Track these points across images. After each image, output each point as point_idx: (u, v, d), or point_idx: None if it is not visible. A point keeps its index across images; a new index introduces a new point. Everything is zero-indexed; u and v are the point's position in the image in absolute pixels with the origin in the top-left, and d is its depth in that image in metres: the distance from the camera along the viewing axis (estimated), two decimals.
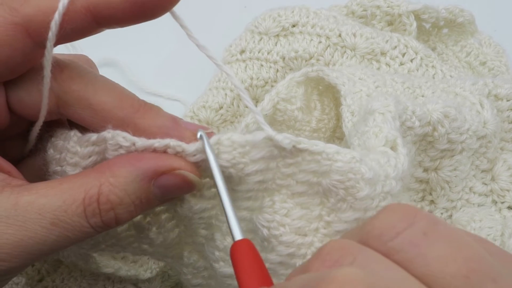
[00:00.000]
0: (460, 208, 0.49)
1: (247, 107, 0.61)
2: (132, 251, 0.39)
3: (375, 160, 0.33)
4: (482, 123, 0.46)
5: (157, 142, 0.31)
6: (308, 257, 0.33)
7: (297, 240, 0.33)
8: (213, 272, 0.40)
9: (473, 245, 0.24)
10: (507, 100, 0.50)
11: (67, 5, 0.28)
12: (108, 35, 0.32)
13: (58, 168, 0.33)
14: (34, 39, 0.30)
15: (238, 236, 0.29)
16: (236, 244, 0.28)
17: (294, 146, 0.31)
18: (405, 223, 0.24)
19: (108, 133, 0.31)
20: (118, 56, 0.71)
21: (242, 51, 0.62)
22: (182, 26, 0.31)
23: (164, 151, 0.31)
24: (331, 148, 0.31)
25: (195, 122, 0.59)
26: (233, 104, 0.60)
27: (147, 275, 0.49)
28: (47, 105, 0.32)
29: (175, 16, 0.31)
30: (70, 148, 0.33)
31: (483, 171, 0.50)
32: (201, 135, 0.31)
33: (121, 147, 0.31)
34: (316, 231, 0.33)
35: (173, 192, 0.32)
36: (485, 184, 0.50)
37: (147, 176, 0.30)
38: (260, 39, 0.61)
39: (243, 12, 0.76)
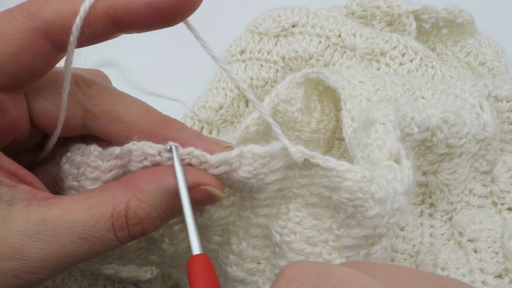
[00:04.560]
0: (460, 211, 0.50)
1: (246, 107, 0.61)
2: (139, 262, 0.39)
3: (383, 177, 0.33)
4: (482, 126, 0.46)
5: (181, 150, 0.31)
6: None
7: (306, 249, 0.34)
8: (221, 280, 0.40)
9: (367, 284, 0.25)
10: (507, 101, 0.50)
11: (88, 10, 0.28)
12: None
13: (75, 183, 0.34)
14: (54, 43, 0.30)
15: (196, 250, 0.29)
16: (193, 259, 0.29)
17: (307, 160, 0.31)
18: (296, 283, 0.26)
19: (133, 145, 0.32)
20: (118, 56, 0.70)
21: (242, 51, 0.62)
22: (197, 37, 0.31)
23: (188, 161, 0.31)
24: (343, 165, 0.31)
25: (195, 122, 0.59)
26: (233, 104, 0.60)
27: (148, 276, 0.49)
28: (75, 118, 0.33)
29: (190, 27, 0.31)
30: (91, 162, 0.33)
31: (482, 173, 0.50)
32: (171, 147, 0.31)
33: (145, 158, 0.32)
34: (326, 243, 0.34)
35: (197, 205, 0.32)
36: (485, 186, 0.50)
37: (173, 191, 0.31)
38: (260, 39, 0.61)
39: (243, 12, 0.75)
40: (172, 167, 0.31)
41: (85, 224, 0.30)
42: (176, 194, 0.31)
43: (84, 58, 0.69)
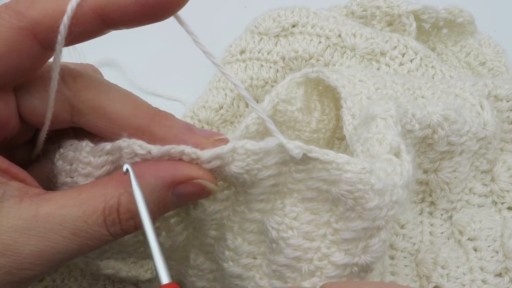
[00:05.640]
0: (460, 209, 0.50)
1: (246, 107, 0.61)
2: (138, 256, 0.39)
3: (382, 169, 0.33)
4: (482, 125, 0.46)
5: (173, 149, 0.31)
6: (315, 262, 0.34)
7: (304, 244, 0.34)
8: (218, 274, 0.40)
9: None
10: (507, 101, 0.50)
11: (76, 8, 0.28)
12: (108, 35, 0.32)
13: (68, 179, 0.33)
14: (42, 42, 0.29)
15: (165, 280, 0.28)
16: None
17: (305, 155, 0.31)
18: None
19: (123, 142, 0.31)
20: (118, 56, 0.71)
21: (242, 51, 0.62)
22: (188, 32, 0.31)
23: (179, 158, 0.31)
24: (342, 158, 0.31)
25: (195, 122, 0.59)
26: (233, 104, 0.60)
27: (148, 275, 0.49)
28: (62, 113, 0.32)
29: (181, 22, 0.31)
30: (83, 158, 0.33)
31: (483, 172, 0.50)
32: (127, 169, 0.30)
33: (136, 155, 0.31)
34: (324, 237, 0.34)
35: (190, 199, 0.33)
36: (485, 185, 0.50)
37: (165, 185, 0.31)
38: (260, 39, 0.61)
39: (243, 12, 0.76)
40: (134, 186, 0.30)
41: (76, 220, 0.30)
42: (169, 187, 0.31)
43: (84, 58, 0.70)
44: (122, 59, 0.71)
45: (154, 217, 0.32)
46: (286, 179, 0.33)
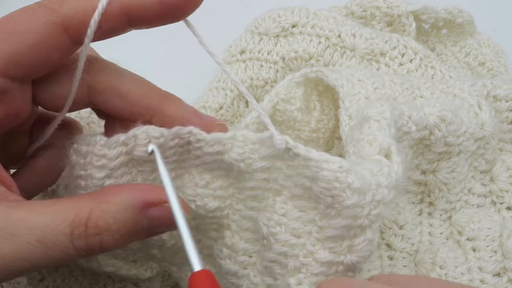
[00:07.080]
0: (459, 210, 0.50)
1: (246, 107, 0.61)
2: (141, 257, 0.39)
3: (368, 169, 0.33)
4: (480, 125, 0.46)
5: (181, 130, 0.33)
6: (300, 258, 0.34)
7: (291, 240, 0.34)
8: (218, 278, 0.41)
9: None
10: (506, 101, 0.50)
11: (106, 6, 0.30)
12: None
13: (82, 172, 0.35)
14: (72, 37, 0.31)
15: (197, 267, 0.29)
16: (195, 275, 0.28)
17: (290, 150, 0.32)
18: None
19: (137, 130, 0.33)
20: (118, 56, 0.70)
21: (242, 52, 0.62)
22: (194, 33, 0.33)
23: (187, 139, 0.33)
24: (322, 156, 0.32)
25: None
26: (233, 104, 0.60)
27: (148, 274, 0.49)
28: (80, 95, 0.34)
29: (188, 24, 0.33)
30: (97, 151, 0.34)
31: (481, 172, 0.50)
32: (152, 150, 0.33)
33: (150, 141, 0.33)
34: (309, 234, 0.34)
35: (159, 226, 0.33)
36: (484, 185, 0.50)
37: (137, 206, 0.31)
38: (260, 40, 0.62)
39: (243, 12, 0.76)
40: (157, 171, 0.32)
41: (45, 227, 0.30)
42: (140, 209, 0.31)
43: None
44: (122, 59, 0.70)
45: (121, 239, 0.32)
46: (278, 175, 0.34)
